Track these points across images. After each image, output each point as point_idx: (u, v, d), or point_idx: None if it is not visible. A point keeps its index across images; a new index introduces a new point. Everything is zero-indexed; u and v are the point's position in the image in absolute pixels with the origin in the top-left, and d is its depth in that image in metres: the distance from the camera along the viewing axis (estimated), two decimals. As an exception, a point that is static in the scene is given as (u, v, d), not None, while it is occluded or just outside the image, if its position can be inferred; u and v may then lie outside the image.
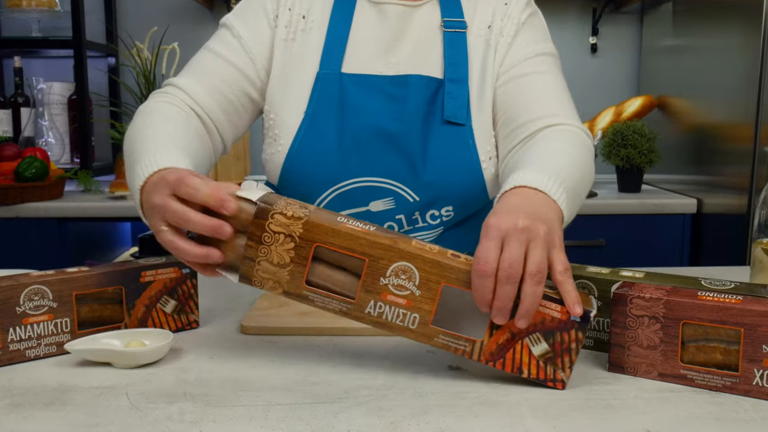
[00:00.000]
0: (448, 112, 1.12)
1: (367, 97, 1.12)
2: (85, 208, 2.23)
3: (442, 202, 1.14)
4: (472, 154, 1.12)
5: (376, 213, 1.14)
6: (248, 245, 0.79)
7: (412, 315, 0.77)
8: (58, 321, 0.87)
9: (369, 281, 0.77)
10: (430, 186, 1.12)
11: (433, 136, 1.12)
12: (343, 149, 1.11)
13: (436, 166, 1.11)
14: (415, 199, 1.13)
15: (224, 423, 0.70)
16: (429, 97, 1.13)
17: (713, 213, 2.23)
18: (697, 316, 0.76)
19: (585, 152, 1.03)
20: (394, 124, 1.11)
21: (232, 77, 1.13)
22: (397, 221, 1.14)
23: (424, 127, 1.12)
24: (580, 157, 1.00)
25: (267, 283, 0.81)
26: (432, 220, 1.15)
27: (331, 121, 1.12)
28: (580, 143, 1.04)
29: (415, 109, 1.12)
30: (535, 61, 1.14)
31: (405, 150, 1.11)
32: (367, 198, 1.13)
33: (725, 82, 2.14)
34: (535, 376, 0.77)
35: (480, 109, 1.14)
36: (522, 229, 0.75)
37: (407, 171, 1.12)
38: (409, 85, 1.12)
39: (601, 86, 2.84)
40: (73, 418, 0.71)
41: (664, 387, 0.79)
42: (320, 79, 1.13)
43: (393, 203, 1.13)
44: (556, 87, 1.14)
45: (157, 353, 0.85)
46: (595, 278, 0.87)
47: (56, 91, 2.62)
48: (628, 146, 2.37)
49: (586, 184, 1.00)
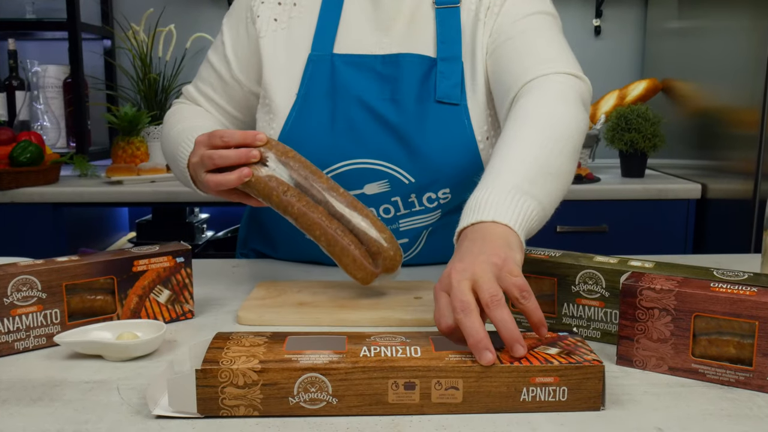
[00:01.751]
0: (440, 92, 1.09)
1: (358, 77, 1.11)
2: (81, 193, 2.20)
3: (439, 184, 1.11)
4: (468, 134, 1.10)
5: (372, 196, 1.12)
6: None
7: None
8: (48, 312, 0.84)
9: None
10: (426, 167, 1.10)
11: (427, 116, 1.09)
12: (336, 130, 1.09)
13: (430, 146, 1.09)
14: (410, 181, 1.10)
15: (218, 418, 0.67)
16: (421, 76, 1.10)
17: (718, 198, 2.20)
18: (709, 308, 0.74)
19: (568, 113, 0.94)
20: (387, 104, 1.10)
21: (229, 91, 1.22)
22: (393, 204, 1.12)
23: (417, 107, 1.09)
24: (556, 131, 0.90)
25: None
26: (429, 203, 1.13)
27: (323, 102, 1.10)
28: (564, 99, 0.96)
29: (408, 88, 1.10)
30: (525, 21, 1.08)
31: (398, 131, 1.09)
32: (362, 180, 1.11)
33: (731, 65, 2.11)
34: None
35: (474, 88, 1.11)
36: (462, 270, 0.72)
37: (401, 152, 1.09)
38: (401, 64, 1.10)
39: (605, 69, 2.80)
40: (61, 415, 0.68)
41: (674, 381, 0.76)
42: (312, 60, 1.12)
43: (388, 186, 1.11)
44: (549, 40, 1.06)
45: (150, 345, 0.82)
46: (603, 268, 0.84)
47: (51, 74, 2.58)
48: (631, 130, 2.34)
49: (565, 161, 0.89)
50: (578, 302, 0.86)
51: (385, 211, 1.13)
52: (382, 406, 0.68)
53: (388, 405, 0.68)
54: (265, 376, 0.67)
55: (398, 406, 0.68)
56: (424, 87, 1.10)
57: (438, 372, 0.68)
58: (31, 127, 2.55)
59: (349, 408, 0.68)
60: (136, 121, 2.42)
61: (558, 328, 0.88)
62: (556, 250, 0.91)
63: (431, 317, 0.92)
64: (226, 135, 0.95)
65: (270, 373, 0.67)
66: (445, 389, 0.69)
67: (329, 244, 0.95)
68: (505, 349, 0.70)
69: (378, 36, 1.13)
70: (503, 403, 0.69)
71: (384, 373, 0.68)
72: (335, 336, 0.74)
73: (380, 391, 0.68)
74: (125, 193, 2.21)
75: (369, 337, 0.74)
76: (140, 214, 2.66)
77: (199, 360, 0.69)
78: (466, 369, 0.68)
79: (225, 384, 0.67)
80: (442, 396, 0.69)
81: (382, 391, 0.68)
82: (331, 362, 0.68)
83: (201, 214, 2.63)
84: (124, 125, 2.42)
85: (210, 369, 0.67)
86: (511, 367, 0.68)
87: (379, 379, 0.68)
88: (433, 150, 1.09)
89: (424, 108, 1.10)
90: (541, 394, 0.69)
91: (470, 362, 0.68)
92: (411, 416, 0.68)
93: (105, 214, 2.65)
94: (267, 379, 0.67)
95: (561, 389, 0.69)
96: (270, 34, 1.15)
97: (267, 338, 0.73)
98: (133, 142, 2.44)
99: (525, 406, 0.69)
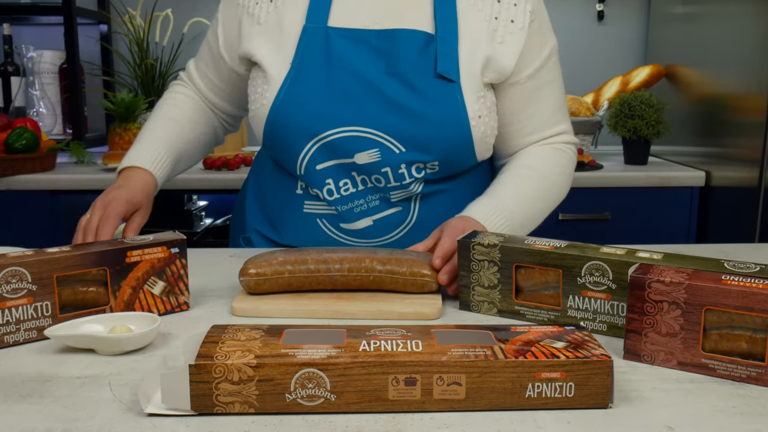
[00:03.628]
0: (441, 66, 1.11)
1: (353, 50, 1.12)
2: (77, 180, 2.17)
3: (429, 156, 1.12)
4: (461, 111, 1.12)
5: (362, 165, 1.12)
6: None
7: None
8: (38, 304, 0.82)
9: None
10: (418, 139, 1.11)
11: (423, 90, 1.11)
12: (330, 98, 1.11)
13: (424, 119, 1.11)
14: (401, 151, 1.11)
15: (212, 416, 0.65)
16: (417, 50, 1.12)
17: (722, 186, 2.17)
18: (721, 302, 0.71)
19: (557, 176, 1.20)
20: (382, 76, 1.11)
21: (217, 65, 1.28)
22: (383, 174, 1.13)
23: (413, 80, 1.11)
24: (546, 185, 1.18)
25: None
26: (417, 173, 1.14)
27: (318, 71, 1.12)
28: (558, 164, 1.21)
29: (404, 62, 1.11)
30: (545, 71, 1.19)
31: (392, 101, 1.11)
32: (353, 149, 1.12)
33: (736, 51, 2.07)
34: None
35: (470, 70, 1.13)
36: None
37: (394, 122, 1.11)
38: (396, 39, 1.12)
39: (608, 55, 2.76)
40: (50, 412, 0.66)
41: (683, 377, 0.74)
42: (306, 32, 1.13)
43: (379, 155, 1.12)
44: (559, 100, 1.23)
45: (143, 339, 0.80)
46: (610, 260, 0.82)
47: (47, 60, 2.54)
48: (635, 117, 2.30)
49: (545, 208, 1.18)
50: (584, 294, 0.84)
51: (377, 180, 1.14)
52: (382, 403, 0.66)
53: (389, 401, 0.66)
54: (261, 371, 0.65)
55: (399, 403, 0.66)
56: (419, 61, 1.12)
57: (440, 367, 0.66)
58: (27, 113, 2.52)
59: (347, 405, 0.66)
60: (133, 108, 2.39)
61: (563, 321, 0.86)
62: (561, 240, 0.89)
63: (430, 311, 0.90)
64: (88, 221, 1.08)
65: (266, 368, 0.65)
66: (448, 385, 0.66)
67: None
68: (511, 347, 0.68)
69: (371, 9, 1.14)
70: (508, 400, 0.67)
71: (384, 368, 0.66)
72: (334, 329, 0.72)
73: (380, 387, 0.66)
74: (122, 180, 2.17)
75: (369, 331, 0.72)
76: (138, 202, 2.63)
77: (193, 354, 0.67)
78: (469, 364, 0.66)
79: (219, 380, 0.65)
80: (444, 392, 0.66)
81: (382, 387, 0.66)
82: (330, 357, 0.65)
83: (199, 202, 2.60)
84: (120, 111, 2.38)
85: (204, 364, 0.65)
86: (516, 362, 0.66)
87: (379, 374, 0.66)
88: (426, 122, 1.10)
89: (419, 82, 1.11)
90: (547, 390, 0.67)
91: (473, 357, 0.66)
92: (412, 413, 0.66)
93: (102, 202, 2.62)
94: (263, 374, 0.65)
95: (568, 385, 0.66)
96: (264, 7, 1.17)
97: (263, 332, 0.71)
98: (130, 129, 2.41)
99: (530, 402, 0.67)
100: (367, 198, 1.15)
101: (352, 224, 1.17)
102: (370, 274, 0.95)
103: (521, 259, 0.87)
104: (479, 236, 0.92)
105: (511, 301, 0.89)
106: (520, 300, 0.89)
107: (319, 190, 1.15)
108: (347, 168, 1.13)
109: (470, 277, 0.91)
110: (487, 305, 0.91)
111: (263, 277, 0.94)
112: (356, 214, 1.16)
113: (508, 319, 0.90)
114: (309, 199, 1.18)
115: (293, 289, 0.95)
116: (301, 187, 1.18)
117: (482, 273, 0.90)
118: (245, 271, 0.94)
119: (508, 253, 0.88)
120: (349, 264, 0.95)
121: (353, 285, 0.95)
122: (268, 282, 0.94)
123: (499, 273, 0.89)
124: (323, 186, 1.15)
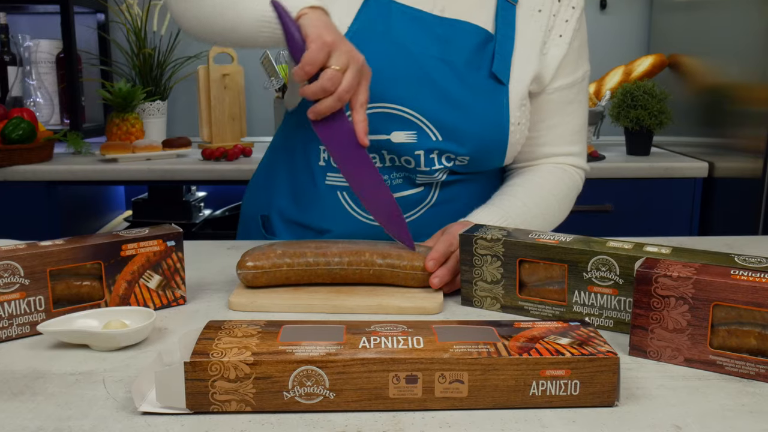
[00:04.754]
0: (497, 65, 1.11)
1: (412, 30, 1.11)
2: (75, 171, 2.15)
3: (463, 149, 1.12)
4: (504, 114, 1.12)
5: (397, 144, 1.11)
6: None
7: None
8: (31, 299, 0.80)
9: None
10: (456, 129, 1.10)
11: (473, 85, 1.11)
12: (378, 69, 1.06)
13: (467, 113, 1.10)
14: (437, 138, 1.11)
15: (208, 414, 0.63)
16: (475, 46, 1.12)
17: (725, 177, 2.15)
18: (730, 297, 0.69)
19: (562, 199, 1.19)
20: (435, 61, 1.10)
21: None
22: (415, 157, 1.12)
23: (465, 73, 1.11)
24: (552, 206, 1.17)
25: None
26: (447, 162, 1.13)
27: (372, 43, 1.09)
28: (566, 186, 1.20)
29: (459, 53, 1.11)
30: (576, 90, 1.20)
31: (440, 89, 1.10)
32: (391, 126, 1.10)
33: (740, 41, 2.05)
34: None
35: (520, 77, 1.14)
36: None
37: (437, 109, 1.10)
38: (457, 30, 1.12)
39: (611, 44, 2.73)
40: (42, 411, 0.64)
41: (690, 374, 0.72)
42: (370, 1, 1.11)
43: (415, 137, 1.10)
44: (581, 122, 1.23)
45: (139, 334, 0.78)
46: (617, 254, 0.80)
47: (44, 49, 2.52)
48: (637, 107, 2.28)
49: (543, 227, 1.15)
50: (590, 290, 0.82)
51: (406, 162, 1.12)
52: (382, 401, 0.64)
53: (389, 400, 0.64)
54: (258, 369, 0.63)
55: (399, 401, 0.65)
56: (474, 57, 1.11)
57: (442, 364, 0.64)
58: (24, 103, 2.50)
59: (347, 403, 0.64)
60: (131, 97, 2.37)
61: (569, 317, 0.84)
62: (566, 234, 0.87)
63: (431, 305, 0.88)
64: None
65: (263, 365, 0.63)
66: (450, 383, 0.65)
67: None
68: (515, 342, 0.66)
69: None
70: (511, 398, 0.65)
71: (384, 365, 0.64)
72: (333, 325, 0.70)
73: (380, 385, 0.64)
74: (120, 171, 2.16)
75: (369, 327, 0.70)
76: (136, 193, 2.61)
77: (189, 351, 0.65)
78: (472, 361, 0.64)
79: (215, 377, 0.63)
80: (446, 390, 0.65)
81: (382, 384, 0.64)
82: (329, 354, 0.64)
83: (198, 193, 2.58)
84: (118, 101, 2.36)
85: (199, 362, 0.63)
86: (519, 359, 0.64)
87: (379, 372, 0.64)
88: (469, 117, 1.10)
89: (470, 76, 1.10)
90: (552, 388, 0.65)
91: (476, 354, 0.64)
92: (413, 412, 0.64)
93: (100, 193, 2.60)
94: (260, 372, 0.63)
95: (573, 383, 0.65)
96: None
97: (261, 328, 0.69)
98: (127, 119, 2.39)
99: (534, 400, 0.65)
100: (392, 175, 1.14)
101: None
102: (370, 267, 0.93)
103: (525, 253, 0.85)
104: (482, 230, 0.90)
105: (515, 297, 0.87)
106: (523, 295, 0.87)
107: None
108: (379, 144, 1.11)
109: (473, 271, 0.89)
110: (489, 301, 0.89)
111: (261, 270, 0.92)
112: None
113: (512, 315, 0.88)
114: (332, 171, 1.16)
115: (291, 283, 0.93)
116: (324, 158, 1.16)
117: (485, 268, 0.88)
118: (243, 264, 0.92)
119: (511, 247, 0.86)
120: (349, 257, 0.93)
121: (352, 279, 0.93)
122: (266, 275, 0.92)
123: (502, 268, 0.87)
124: None
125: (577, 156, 1.24)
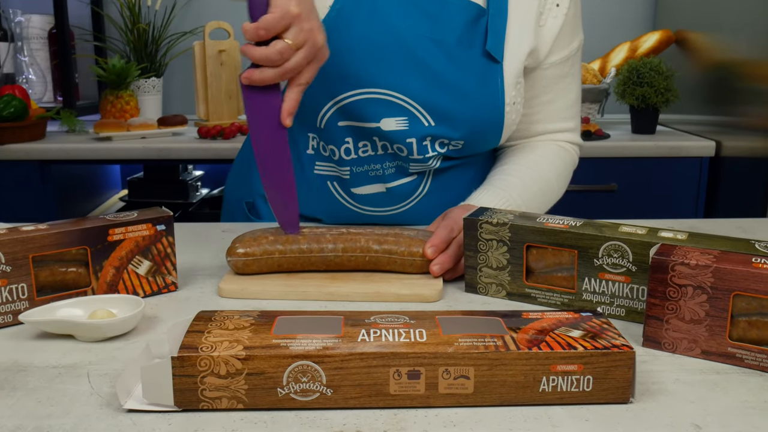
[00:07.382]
0: (491, 42, 1.04)
1: (399, 8, 1.03)
2: (68, 149, 2.11)
3: (457, 133, 1.06)
4: (499, 94, 1.06)
5: (387, 132, 1.05)
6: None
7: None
8: (13, 287, 0.76)
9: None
10: (449, 113, 1.04)
11: (463, 64, 1.04)
12: (364, 51, 1.02)
13: (460, 95, 1.04)
14: (429, 124, 1.05)
15: (197, 412, 0.59)
16: (466, 22, 1.04)
17: (733, 156, 2.11)
18: (751, 287, 0.65)
19: (559, 176, 1.15)
20: (424, 41, 1.03)
21: None
22: (407, 145, 1.06)
23: (456, 51, 1.04)
24: (552, 183, 1.13)
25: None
26: (440, 147, 1.08)
27: (357, 21, 1.03)
28: (563, 163, 1.16)
29: (450, 30, 1.04)
30: (571, 62, 1.14)
31: (429, 70, 1.03)
32: (380, 113, 1.04)
33: (749, 16, 1.99)
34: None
35: (515, 54, 1.06)
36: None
37: (427, 92, 1.03)
38: (448, 4, 1.04)
39: (616, 19, 2.67)
40: (21, 407, 0.61)
41: (708, 367, 0.68)
42: None
43: (406, 124, 1.05)
44: (575, 96, 1.18)
45: (126, 324, 0.74)
46: (630, 240, 0.76)
47: (35, 24, 2.46)
48: (643, 84, 2.23)
49: (542, 206, 1.12)
50: (601, 277, 0.78)
51: (398, 149, 1.07)
52: (382, 398, 0.61)
53: (390, 396, 0.61)
54: (251, 364, 0.59)
55: (401, 398, 0.61)
56: (466, 34, 1.05)
57: (446, 359, 0.60)
58: (16, 80, 2.44)
59: (345, 400, 0.60)
60: (125, 74, 2.31)
61: (578, 305, 0.80)
62: (575, 218, 0.82)
63: (430, 292, 0.84)
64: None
65: (256, 360, 0.59)
66: (454, 378, 0.61)
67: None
68: (523, 335, 0.62)
69: None
70: (520, 394, 0.61)
71: (385, 360, 0.60)
72: (331, 316, 0.66)
73: (380, 381, 0.60)
74: (115, 149, 2.11)
75: (368, 318, 0.66)
76: (132, 172, 2.57)
77: (178, 344, 0.61)
78: (478, 356, 0.60)
79: (205, 373, 0.59)
80: (451, 386, 0.61)
81: (382, 380, 0.60)
82: (326, 348, 0.60)
83: (195, 171, 2.54)
84: (112, 78, 2.31)
85: (188, 356, 0.59)
86: (529, 354, 0.60)
87: (380, 367, 0.60)
88: (462, 98, 1.04)
89: (462, 55, 1.04)
90: (563, 384, 0.61)
91: (483, 348, 0.61)
92: (415, 409, 0.61)
93: (95, 172, 2.56)
94: (252, 367, 0.59)
95: (585, 378, 0.61)
96: None
97: (254, 319, 0.65)
98: (122, 96, 2.34)
99: (544, 397, 0.61)
100: (384, 164, 1.09)
101: (363, 188, 1.11)
102: (366, 254, 0.89)
103: (533, 238, 0.81)
104: (487, 214, 0.86)
105: (522, 284, 0.83)
106: (531, 282, 0.83)
107: (336, 147, 1.08)
108: (370, 132, 1.06)
109: (477, 257, 0.85)
110: (495, 287, 0.85)
111: (252, 258, 0.88)
112: (369, 178, 1.10)
113: (518, 302, 0.84)
114: (321, 160, 1.11)
115: (284, 270, 0.89)
116: (312, 147, 1.11)
117: (490, 253, 0.84)
118: (233, 250, 0.88)
119: (518, 232, 0.82)
120: (344, 244, 0.89)
121: (348, 266, 0.89)
122: (257, 263, 0.88)
123: (508, 253, 0.83)
124: (342, 144, 1.07)
125: (572, 132, 1.19)
